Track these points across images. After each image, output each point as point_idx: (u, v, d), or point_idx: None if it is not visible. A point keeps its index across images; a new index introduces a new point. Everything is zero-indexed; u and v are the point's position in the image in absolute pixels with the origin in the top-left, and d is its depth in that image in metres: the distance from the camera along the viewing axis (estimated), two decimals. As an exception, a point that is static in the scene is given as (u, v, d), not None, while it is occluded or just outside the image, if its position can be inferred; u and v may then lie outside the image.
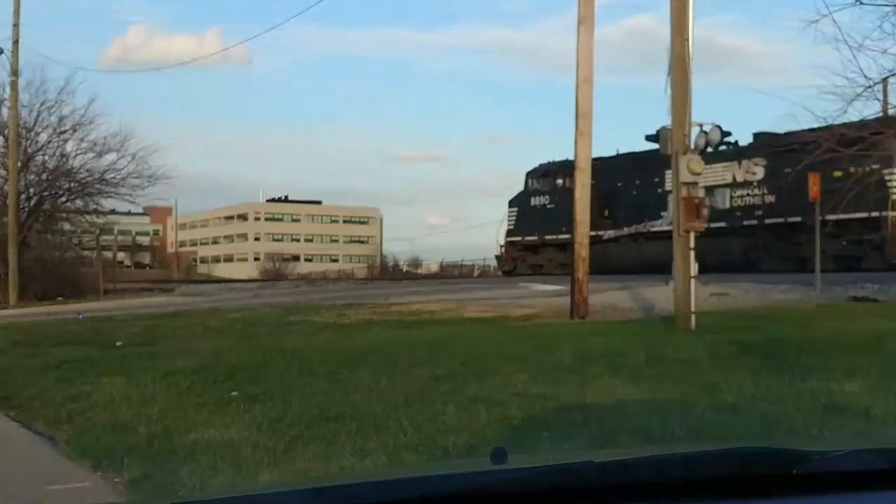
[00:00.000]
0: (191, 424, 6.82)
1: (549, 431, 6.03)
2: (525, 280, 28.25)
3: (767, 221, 27.21)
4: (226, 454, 5.82)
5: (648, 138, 14.56)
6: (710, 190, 25.15)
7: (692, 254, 12.41)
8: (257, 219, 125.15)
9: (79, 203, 38.07)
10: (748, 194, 28.02)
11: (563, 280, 20.35)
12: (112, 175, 36.96)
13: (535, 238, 36.26)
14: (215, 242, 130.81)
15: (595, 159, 31.50)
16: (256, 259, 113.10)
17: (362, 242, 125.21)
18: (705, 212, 12.63)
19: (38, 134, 36.06)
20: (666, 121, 12.89)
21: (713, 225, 22.54)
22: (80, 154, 36.56)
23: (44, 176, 36.35)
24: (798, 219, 23.90)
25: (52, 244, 37.70)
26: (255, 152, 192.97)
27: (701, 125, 13.12)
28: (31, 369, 10.57)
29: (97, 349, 12.99)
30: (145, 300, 32.71)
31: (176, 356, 10.81)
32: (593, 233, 29.74)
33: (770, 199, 27.23)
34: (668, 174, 26.05)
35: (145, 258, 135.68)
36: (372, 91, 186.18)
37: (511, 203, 38.57)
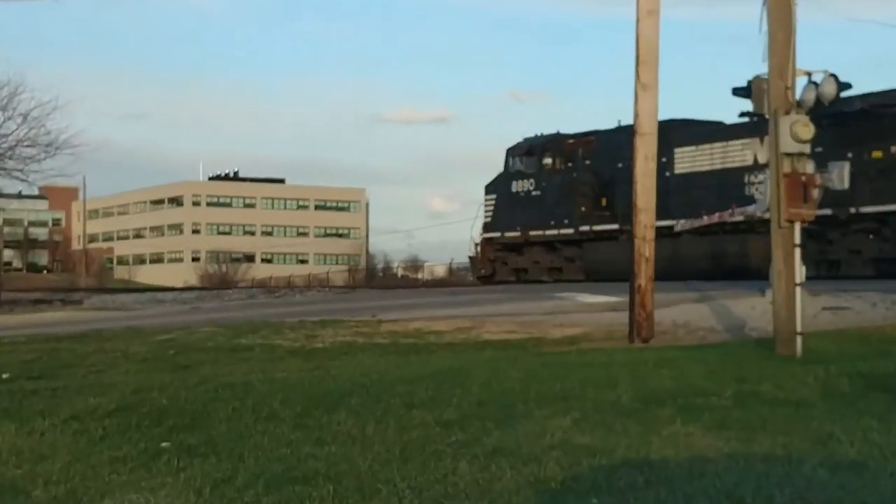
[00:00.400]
0: (105, 487, 6.82)
1: (598, 498, 6.02)
2: (565, 289, 28.27)
3: None
4: (153, 529, 5.83)
5: (736, 92, 14.52)
6: (747, 170, 29.47)
7: (798, 253, 12.39)
8: (196, 203, 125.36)
9: (-51, 182, 38.08)
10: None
11: (619, 289, 20.38)
12: (-5, 143, 36.97)
13: (517, 234, 37.53)
14: (138, 236, 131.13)
15: (586, 133, 34.71)
16: (195, 259, 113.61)
17: (341, 236, 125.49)
18: (816, 193, 12.61)
19: None
20: (761, 69, 12.87)
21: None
22: (-49, 114, 36.59)
23: None
24: (827, 211, 24.06)
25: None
26: (193, 114, 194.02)
27: (809, 74, 13.10)
28: None
29: (-26, 383, 13.03)
30: (42, 315, 32.83)
31: (85, 393, 10.83)
32: (587, 228, 33.50)
33: None
34: (678, 153, 31.31)
35: (42, 258, 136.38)
36: (352, 32, 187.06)
37: (488, 189, 39.61)
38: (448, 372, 11.37)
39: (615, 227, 33.10)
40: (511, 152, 39.07)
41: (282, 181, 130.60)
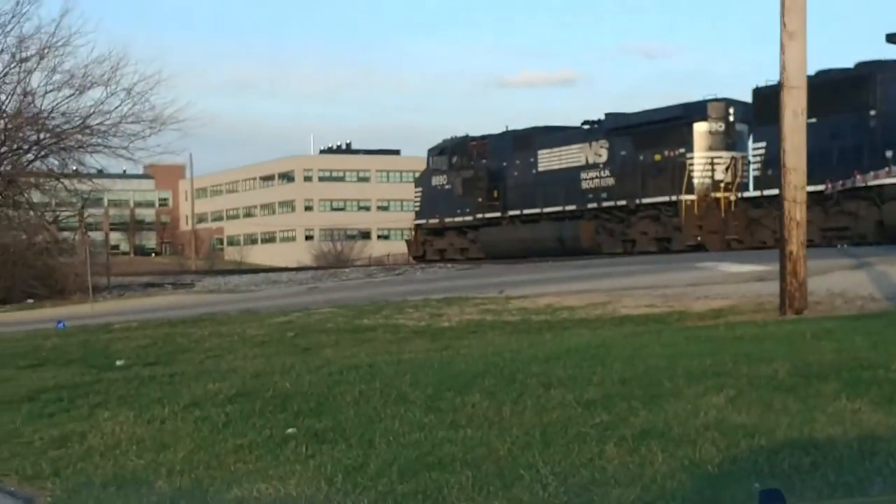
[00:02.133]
0: (231, 476, 6.92)
1: (760, 482, 5.93)
2: (707, 259, 28.00)
3: (604, 204, 41.03)
4: (286, 519, 5.89)
5: (890, 38, 14.33)
6: (564, 172, 42.40)
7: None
8: (308, 178, 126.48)
9: (52, 162, 38.88)
10: (596, 176, 41.67)
11: (767, 258, 20.13)
12: (99, 120, 37.68)
13: (437, 221, 50.27)
14: (248, 215, 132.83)
15: (483, 137, 48.23)
16: (308, 238, 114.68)
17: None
18: None
19: (-12, 62, 36.78)
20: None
21: (568, 207, 41.55)
22: (52, 91, 37.35)
23: (0, 123, 37.08)
24: (623, 202, 39.29)
25: (16, 223, 38.53)
26: (303, 84, 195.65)
27: None
28: (-6, 402, 10.88)
29: (89, 371, 13.33)
30: (153, 300, 33.46)
31: (203, 379, 11.00)
32: (482, 215, 46.40)
33: (610, 181, 40.86)
34: (540, 153, 43.73)
35: (150, 240, 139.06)
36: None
37: (416, 183, 53.80)
38: (586, 349, 11.30)
39: (498, 214, 45.93)
40: (430, 152, 51.92)
41: (397, 152, 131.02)
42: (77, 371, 13.62)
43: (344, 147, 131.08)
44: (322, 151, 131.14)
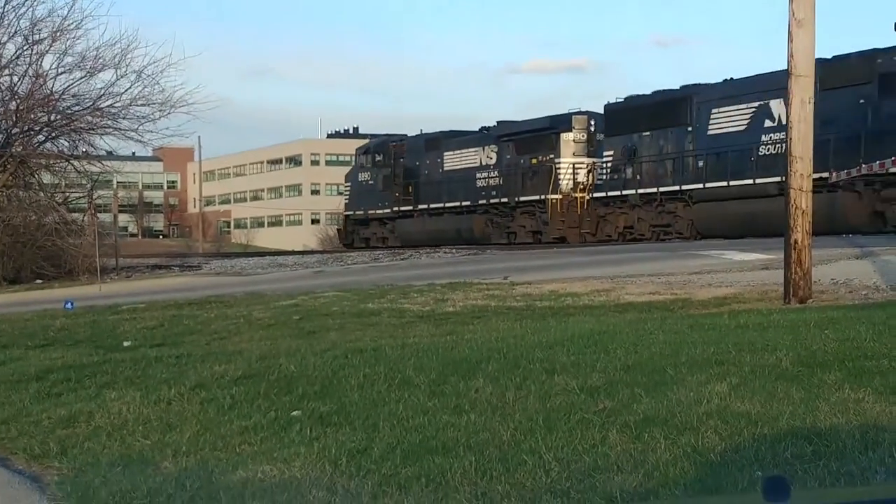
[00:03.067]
0: (236, 458, 6.92)
1: (763, 470, 5.92)
2: (712, 247, 27.98)
3: (490, 201, 48.24)
4: (290, 503, 5.89)
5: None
6: (464, 172, 49.82)
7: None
8: (315, 162, 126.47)
9: (63, 144, 38.92)
10: (487, 177, 48.60)
11: (772, 246, 20.11)
12: (109, 102, 37.71)
13: (362, 213, 57.88)
14: (256, 198, 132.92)
15: (401, 139, 59.05)
16: (315, 222, 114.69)
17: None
18: None
19: (1, 45, 36.90)
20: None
21: (464, 203, 49.11)
22: (63, 73, 37.41)
23: (12, 105, 37.18)
24: (505, 199, 46.83)
25: (26, 204, 38.60)
26: (313, 69, 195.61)
27: None
28: (2, 381, 10.89)
29: (96, 352, 13.36)
30: (161, 282, 33.50)
31: (209, 361, 11.01)
32: (398, 209, 54.59)
33: (498, 181, 47.81)
34: (449, 156, 51.16)
35: (158, 222, 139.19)
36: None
37: (346, 178, 61.72)
38: (590, 335, 11.30)
39: (411, 208, 53.03)
40: (358, 151, 60.91)
41: (403, 137, 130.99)
42: (85, 351, 13.64)
43: (351, 131, 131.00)
44: (330, 136, 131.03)
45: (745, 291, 16.05)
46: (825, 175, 30.26)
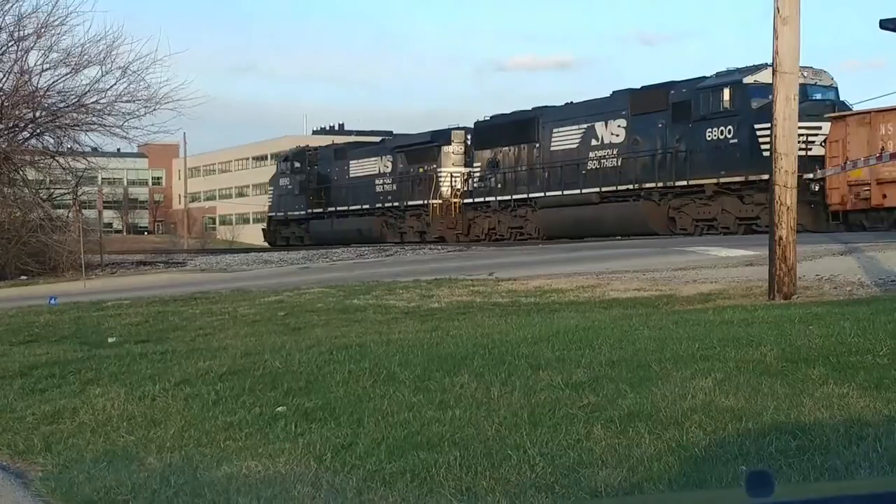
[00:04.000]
0: (221, 453, 6.91)
1: (747, 465, 5.93)
2: (697, 244, 28.02)
3: (386, 205, 54.31)
4: (275, 499, 5.88)
5: (884, 24, 14.32)
6: (365, 179, 56.16)
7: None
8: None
9: (48, 140, 38.86)
10: (384, 183, 54.58)
11: (758, 242, 20.15)
12: (94, 99, 37.64)
13: (283, 215, 63.72)
14: (241, 195, 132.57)
15: (315, 148, 68.35)
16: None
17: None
18: None
19: (-15, 41, 36.76)
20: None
21: (364, 206, 55.63)
22: (49, 69, 37.34)
23: (-3, 102, 37.10)
24: (396, 203, 53.18)
25: (10, 200, 38.53)
26: (298, 67, 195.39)
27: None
28: (-14, 377, 10.86)
29: (81, 348, 13.34)
30: (146, 278, 33.47)
31: (194, 357, 10.99)
32: (311, 211, 61.88)
33: (392, 187, 53.85)
34: (354, 164, 57.74)
35: (143, 219, 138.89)
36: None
37: (269, 183, 68.69)
38: (574, 331, 11.29)
39: (322, 210, 58.96)
40: (278, 159, 68.58)
41: (389, 133, 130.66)
42: (69, 347, 13.62)
43: (337, 128, 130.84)
44: (315, 132, 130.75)
45: (730, 287, 16.05)
46: (631, 187, 39.03)
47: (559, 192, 42.39)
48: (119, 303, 20.17)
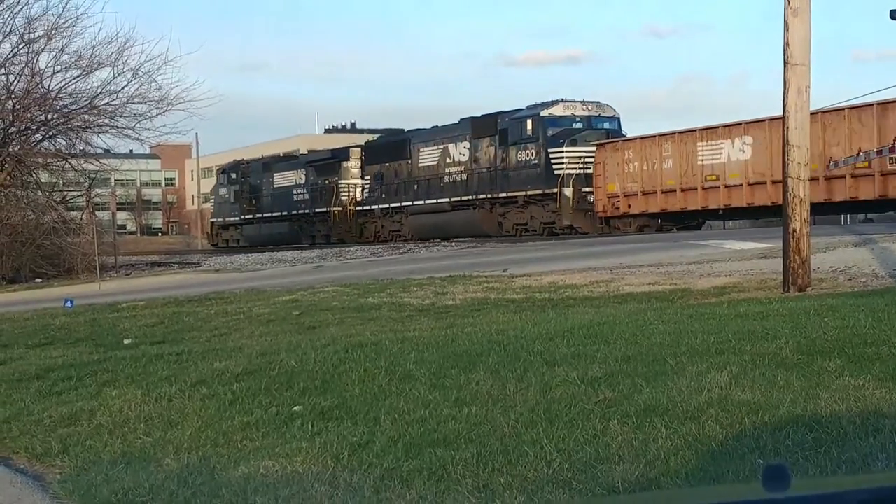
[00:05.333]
0: (239, 453, 6.92)
1: (764, 458, 5.92)
2: (711, 237, 27.98)
3: (300, 212, 61.61)
4: (293, 498, 5.89)
5: (894, 14, 14.32)
6: (286, 189, 63.94)
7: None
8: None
9: (60, 142, 38.89)
10: (300, 193, 61.93)
11: (772, 235, 20.12)
12: (106, 100, 37.67)
13: (222, 220, 71.53)
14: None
15: (248, 161, 79.12)
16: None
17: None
18: None
19: (-4, 44, 36.81)
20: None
21: (284, 213, 63.99)
22: (60, 72, 37.36)
23: (9, 104, 37.13)
24: (324, 209, 58.80)
25: (24, 203, 38.59)
26: (311, 63, 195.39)
27: None
28: (3, 380, 10.89)
29: (96, 350, 13.36)
30: (160, 279, 33.51)
31: (210, 357, 11.01)
32: (245, 216, 71.41)
33: (306, 196, 61.25)
34: (277, 176, 66.64)
35: (156, 220, 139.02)
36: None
37: (211, 192, 77.44)
38: (589, 327, 11.29)
39: (253, 216, 66.10)
40: (218, 170, 77.29)
41: (401, 131, 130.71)
42: (85, 350, 13.64)
43: (349, 126, 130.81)
44: (327, 131, 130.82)
45: (745, 280, 16.03)
46: (471, 197, 47.26)
47: (423, 202, 51.16)
48: (134, 304, 20.21)
